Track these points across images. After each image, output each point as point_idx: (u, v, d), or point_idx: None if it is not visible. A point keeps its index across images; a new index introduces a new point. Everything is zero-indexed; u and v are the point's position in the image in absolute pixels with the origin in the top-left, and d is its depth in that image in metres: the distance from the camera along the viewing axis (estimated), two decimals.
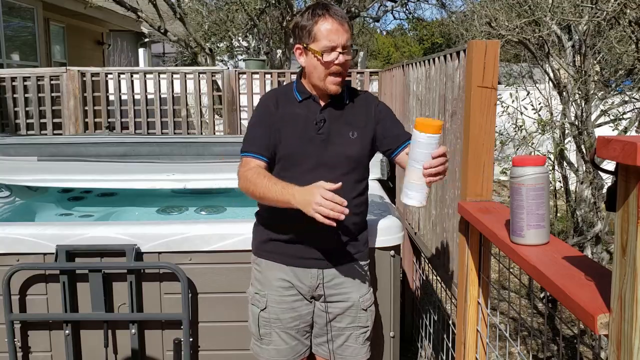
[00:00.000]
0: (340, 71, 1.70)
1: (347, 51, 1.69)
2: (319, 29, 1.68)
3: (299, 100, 1.81)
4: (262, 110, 1.82)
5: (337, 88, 1.73)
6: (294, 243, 1.83)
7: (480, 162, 1.84)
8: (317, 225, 1.56)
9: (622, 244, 0.84)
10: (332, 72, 1.70)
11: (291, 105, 1.81)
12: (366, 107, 1.84)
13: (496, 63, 1.82)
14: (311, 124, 1.78)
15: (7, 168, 3.62)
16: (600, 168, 1.02)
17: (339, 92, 1.75)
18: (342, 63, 1.69)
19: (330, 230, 1.65)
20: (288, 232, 1.83)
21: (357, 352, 1.93)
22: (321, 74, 1.71)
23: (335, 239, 1.83)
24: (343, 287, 1.87)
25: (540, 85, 4.23)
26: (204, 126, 6.11)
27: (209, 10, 10.62)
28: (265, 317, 1.88)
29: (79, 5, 9.93)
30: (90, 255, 2.30)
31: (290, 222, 1.77)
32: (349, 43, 1.70)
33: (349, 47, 1.70)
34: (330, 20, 1.67)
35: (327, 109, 1.80)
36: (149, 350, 2.39)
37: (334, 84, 1.72)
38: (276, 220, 1.84)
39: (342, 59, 1.68)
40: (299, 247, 1.82)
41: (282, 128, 1.78)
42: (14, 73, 6.12)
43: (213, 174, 3.42)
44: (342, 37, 1.67)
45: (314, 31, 1.69)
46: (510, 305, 1.91)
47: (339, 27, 1.67)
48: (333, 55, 1.68)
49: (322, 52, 1.67)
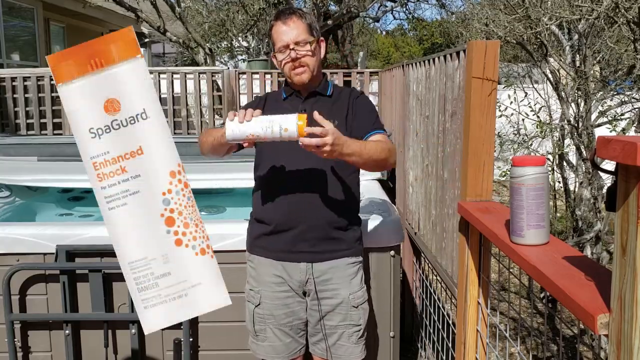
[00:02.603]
0: (297, 64, 1.83)
1: (299, 45, 1.82)
2: (273, 35, 1.86)
3: (284, 97, 1.95)
4: (248, 103, 1.99)
5: (300, 77, 1.85)
6: (281, 237, 1.87)
7: (480, 162, 1.85)
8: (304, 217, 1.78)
9: (622, 244, 0.85)
10: (291, 67, 1.84)
11: (278, 102, 1.95)
12: (348, 99, 1.94)
13: (496, 63, 1.82)
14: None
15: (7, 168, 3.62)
16: (600, 168, 1.02)
17: (305, 81, 1.86)
18: (295, 57, 1.82)
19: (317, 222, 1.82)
20: (276, 226, 1.87)
21: (351, 351, 1.93)
22: (286, 71, 1.86)
23: (323, 232, 1.85)
24: (332, 283, 1.88)
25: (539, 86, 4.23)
26: (204, 126, 6.11)
27: (209, 10, 10.62)
28: (259, 314, 1.91)
29: (78, 5, 9.94)
30: (90, 255, 2.30)
31: (278, 216, 1.85)
32: (302, 37, 1.82)
33: (302, 40, 1.82)
34: (278, 23, 1.84)
35: (309, 100, 1.91)
36: (149, 350, 2.39)
37: (297, 75, 1.85)
38: (265, 215, 1.88)
39: (293, 54, 1.81)
40: (288, 242, 1.86)
41: None
42: (14, 73, 6.12)
43: (213, 174, 3.42)
44: (290, 35, 1.81)
45: (272, 38, 1.88)
46: (510, 305, 1.91)
47: (285, 28, 1.82)
48: (286, 53, 1.82)
49: (276, 53, 1.85)
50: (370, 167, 1.81)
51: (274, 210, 1.86)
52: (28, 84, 6.01)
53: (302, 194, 1.83)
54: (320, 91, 1.91)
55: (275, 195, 1.85)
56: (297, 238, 1.85)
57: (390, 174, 3.83)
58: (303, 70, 1.84)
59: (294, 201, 1.83)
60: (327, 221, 1.85)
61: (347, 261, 1.91)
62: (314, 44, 1.83)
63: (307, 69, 1.84)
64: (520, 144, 4.41)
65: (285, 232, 1.86)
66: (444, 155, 2.42)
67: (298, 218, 1.83)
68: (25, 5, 9.45)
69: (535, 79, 5.12)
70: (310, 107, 1.87)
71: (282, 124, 1.59)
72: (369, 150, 1.72)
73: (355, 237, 1.95)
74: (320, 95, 1.92)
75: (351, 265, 1.92)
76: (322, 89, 1.92)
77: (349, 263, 1.92)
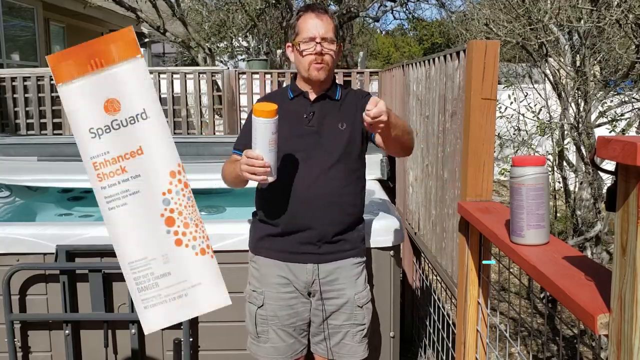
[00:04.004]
0: (320, 59, 1.82)
1: (327, 41, 1.81)
2: (300, 24, 1.84)
3: (291, 97, 1.92)
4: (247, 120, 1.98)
5: (318, 74, 1.83)
6: (289, 239, 1.87)
7: (480, 161, 1.85)
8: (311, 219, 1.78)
9: (622, 244, 0.85)
10: (313, 60, 1.82)
11: (284, 103, 1.91)
12: (356, 101, 1.93)
13: (496, 63, 1.82)
14: (302, 118, 1.88)
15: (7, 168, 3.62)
16: (600, 168, 1.02)
17: (322, 78, 1.85)
18: (320, 52, 1.80)
19: (324, 224, 1.82)
20: (283, 227, 1.86)
21: (355, 350, 1.93)
22: (305, 63, 1.83)
23: (329, 233, 1.85)
24: (338, 284, 1.88)
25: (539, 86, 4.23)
26: (204, 126, 6.11)
27: (209, 10, 10.62)
28: (262, 315, 1.90)
29: (78, 5, 9.93)
30: (90, 255, 2.30)
31: (285, 218, 1.84)
32: (330, 35, 1.82)
33: (329, 38, 1.82)
34: (309, 14, 1.83)
35: (318, 102, 1.89)
36: (149, 350, 2.39)
37: (316, 70, 1.83)
38: (271, 217, 1.88)
39: (319, 48, 1.80)
40: (294, 243, 1.86)
41: None
42: (14, 73, 6.11)
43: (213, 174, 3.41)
44: (321, 29, 1.81)
45: (297, 27, 1.86)
46: (510, 305, 1.91)
47: (317, 21, 1.82)
48: (311, 44, 1.80)
49: (300, 42, 1.82)
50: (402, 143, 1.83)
51: (281, 212, 1.85)
52: (28, 84, 6.01)
53: (308, 196, 1.83)
54: (330, 94, 1.91)
55: (281, 197, 1.85)
56: (303, 239, 1.85)
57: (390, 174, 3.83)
58: (322, 67, 1.83)
59: (300, 203, 1.83)
60: (333, 222, 1.85)
61: (352, 261, 1.91)
62: (337, 46, 1.86)
63: (326, 67, 1.84)
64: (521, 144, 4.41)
65: (292, 234, 1.86)
66: (444, 155, 2.42)
67: (305, 219, 1.83)
68: (25, 5, 9.45)
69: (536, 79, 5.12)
70: (318, 109, 1.88)
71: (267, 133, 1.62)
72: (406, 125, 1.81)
73: (360, 237, 1.96)
74: (329, 99, 1.91)
75: (356, 266, 1.93)
76: (332, 92, 1.91)
77: (354, 263, 1.92)
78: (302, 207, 1.83)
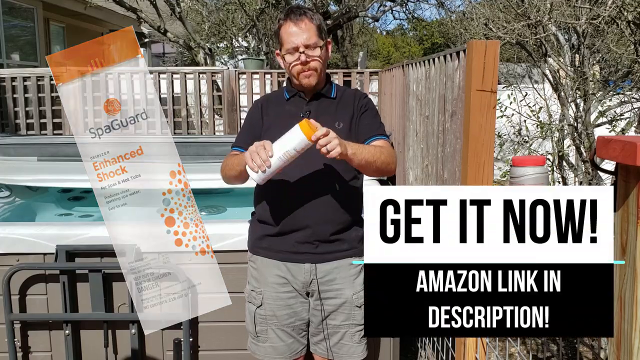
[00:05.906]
0: (307, 67, 1.81)
1: (310, 48, 1.80)
2: (282, 35, 1.83)
3: (287, 98, 1.93)
4: (250, 111, 1.99)
5: (308, 80, 1.84)
6: (286, 238, 1.87)
7: (480, 161, 1.85)
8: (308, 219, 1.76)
9: (622, 244, 0.85)
10: (300, 70, 1.82)
11: (280, 104, 1.93)
12: (353, 101, 1.93)
13: (496, 63, 1.82)
14: (298, 117, 1.87)
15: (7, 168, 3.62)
16: (600, 168, 1.02)
17: (313, 84, 1.85)
18: (305, 61, 1.80)
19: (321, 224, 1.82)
20: (280, 227, 1.87)
21: (353, 350, 1.93)
22: (293, 72, 1.84)
23: (327, 233, 1.85)
24: (336, 284, 1.89)
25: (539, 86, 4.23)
26: (204, 126, 6.11)
27: (209, 10, 10.63)
28: (261, 315, 1.91)
29: (79, 5, 9.94)
30: (90, 255, 2.30)
31: (282, 217, 1.84)
32: (312, 41, 1.80)
33: (312, 44, 1.80)
34: (288, 23, 1.81)
35: (313, 102, 1.90)
36: (149, 350, 2.39)
37: (305, 77, 1.84)
38: (269, 217, 1.88)
39: (303, 57, 1.79)
40: (291, 242, 1.86)
41: (271, 125, 1.89)
42: (14, 73, 6.12)
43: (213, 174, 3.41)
44: (301, 37, 1.79)
45: (280, 37, 1.84)
46: None
47: (296, 29, 1.80)
48: (296, 55, 1.80)
49: (285, 54, 1.83)
50: (371, 171, 1.81)
51: (279, 212, 1.85)
52: (28, 84, 6.02)
53: (306, 196, 1.83)
54: (325, 93, 1.91)
55: (279, 197, 1.85)
56: (301, 239, 1.85)
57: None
58: (311, 74, 1.84)
59: (298, 203, 1.83)
60: (331, 222, 1.85)
61: (350, 261, 1.91)
62: (323, 48, 1.84)
63: (316, 73, 1.84)
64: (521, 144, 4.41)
65: (290, 234, 1.86)
66: (444, 155, 2.42)
67: (303, 220, 1.83)
68: (25, 5, 9.45)
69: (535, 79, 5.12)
70: (314, 108, 1.88)
71: (293, 146, 1.59)
72: (372, 154, 1.74)
73: (358, 237, 1.96)
74: (325, 97, 1.92)
75: (354, 265, 1.93)
76: (327, 91, 1.92)
77: (353, 263, 1.92)
78: (299, 207, 1.83)
